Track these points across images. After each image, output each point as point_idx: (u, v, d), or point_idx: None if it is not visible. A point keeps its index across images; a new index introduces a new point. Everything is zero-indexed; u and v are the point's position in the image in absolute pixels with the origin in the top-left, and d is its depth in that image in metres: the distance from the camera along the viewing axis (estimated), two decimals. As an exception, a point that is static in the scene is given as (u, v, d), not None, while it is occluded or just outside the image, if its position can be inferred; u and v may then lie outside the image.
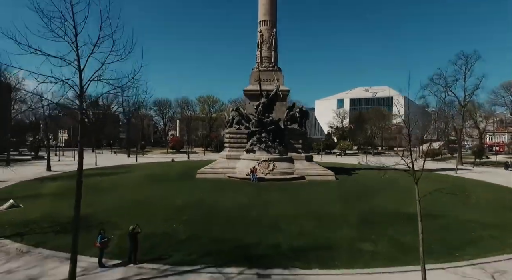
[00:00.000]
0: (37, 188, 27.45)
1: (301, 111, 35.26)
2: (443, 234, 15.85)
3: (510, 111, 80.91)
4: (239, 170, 31.47)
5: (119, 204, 21.12)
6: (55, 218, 17.67)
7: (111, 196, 23.38)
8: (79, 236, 10.56)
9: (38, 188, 27.45)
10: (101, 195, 23.56)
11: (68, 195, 24.18)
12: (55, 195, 24.63)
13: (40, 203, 21.74)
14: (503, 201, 24.93)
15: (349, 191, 27.13)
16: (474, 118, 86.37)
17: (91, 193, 23.88)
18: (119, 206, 20.68)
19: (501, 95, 78.32)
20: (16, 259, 12.45)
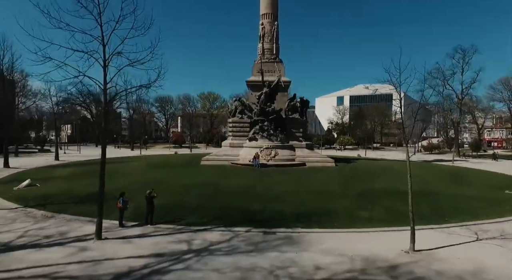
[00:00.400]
0: (50, 173, 28.64)
1: (301, 101, 36.40)
2: (435, 205, 17.04)
3: (508, 106, 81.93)
4: (242, 157, 32.63)
5: (130, 183, 22.24)
6: (71, 193, 18.86)
7: (122, 178, 24.54)
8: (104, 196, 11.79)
9: (50, 173, 28.65)
10: (113, 177, 24.56)
11: (79, 177, 25.61)
12: (68, 177, 25.89)
13: (55, 183, 22.95)
14: (491, 181, 26.31)
15: (348, 174, 28.33)
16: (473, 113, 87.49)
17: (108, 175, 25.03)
18: (131, 185, 21.76)
19: (499, 90, 79.22)
20: (43, 221, 13.67)
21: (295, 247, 10.78)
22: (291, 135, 35.22)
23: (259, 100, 34.58)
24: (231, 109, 36.92)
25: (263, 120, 34.14)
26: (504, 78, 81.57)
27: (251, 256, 9.93)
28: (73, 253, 10.02)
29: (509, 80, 79.88)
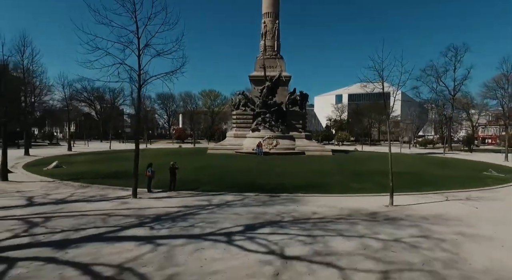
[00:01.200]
0: (70, 159, 30.99)
1: (301, 95, 38.89)
2: (417, 180, 19.53)
3: (501, 104, 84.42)
4: (245, 146, 35.08)
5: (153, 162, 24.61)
6: (96, 172, 21.23)
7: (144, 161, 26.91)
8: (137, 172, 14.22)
9: (70, 159, 30.99)
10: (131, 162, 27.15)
11: (98, 162, 28.07)
12: (88, 162, 28.30)
13: (78, 165, 25.35)
14: (473, 166, 28.96)
15: (344, 160, 30.88)
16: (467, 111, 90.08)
17: (123, 160, 27.66)
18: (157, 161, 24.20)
19: (493, 88, 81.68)
20: (82, 189, 16.05)
21: (296, 203, 13.20)
22: (291, 126, 37.71)
23: (261, 93, 37.04)
24: (235, 102, 39.34)
25: (265, 112, 36.59)
26: (497, 76, 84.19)
27: (261, 207, 12.35)
28: (118, 205, 12.45)
29: (502, 78, 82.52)
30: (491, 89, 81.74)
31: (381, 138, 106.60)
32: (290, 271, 6.51)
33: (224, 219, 10.43)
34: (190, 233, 8.93)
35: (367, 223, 10.24)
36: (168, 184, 15.86)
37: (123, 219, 10.27)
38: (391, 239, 8.56)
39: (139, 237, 8.53)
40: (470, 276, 6.43)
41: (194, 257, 7.14)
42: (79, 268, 6.47)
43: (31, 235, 8.51)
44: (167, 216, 10.89)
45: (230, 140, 37.62)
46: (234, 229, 9.33)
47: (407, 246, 8.09)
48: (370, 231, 9.30)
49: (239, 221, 10.24)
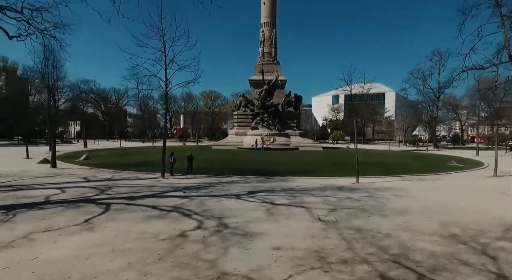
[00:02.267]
0: (91, 154, 35.17)
1: (295, 97, 43.19)
2: (388, 169, 23.79)
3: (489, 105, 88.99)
4: (246, 142, 39.33)
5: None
6: (121, 163, 25.38)
7: (157, 155, 31.16)
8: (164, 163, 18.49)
9: (92, 154, 35.17)
10: (150, 155, 31.56)
11: (118, 156, 32.36)
12: (109, 156, 32.53)
13: (103, 158, 29.54)
14: (442, 159, 33.19)
15: (332, 155, 35.17)
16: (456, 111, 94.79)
17: (139, 154, 31.89)
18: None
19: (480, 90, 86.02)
20: (117, 173, 20.26)
21: (285, 182, 17.43)
22: (287, 125, 42.00)
23: (260, 96, 41.33)
24: (236, 103, 43.63)
25: (263, 113, 40.88)
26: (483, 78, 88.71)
27: (259, 183, 16.58)
28: (153, 181, 16.70)
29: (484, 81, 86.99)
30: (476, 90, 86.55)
31: (375, 138, 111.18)
32: (276, 209, 10.77)
33: (232, 188, 14.69)
34: (211, 194, 13.19)
35: (333, 191, 14.51)
36: (185, 170, 20.10)
37: (162, 188, 14.53)
38: (345, 197, 12.84)
39: (178, 196, 12.79)
40: (383, 209, 10.72)
41: (216, 204, 11.39)
42: (149, 207, 10.71)
43: (107, 194, 12.77)
44: (192, 187, 15.13)
45: (232, 137, 41.90)
46: (240, 193, 13.58)
47: (354, 200, 12.36)
48: (332, 194, 13.57)
49: (243, 189, 14.49)
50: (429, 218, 9.81)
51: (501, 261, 6.52)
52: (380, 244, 7.40)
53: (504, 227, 8.86)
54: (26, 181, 16.16)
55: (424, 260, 6.48)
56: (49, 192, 13.09)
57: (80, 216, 9.51)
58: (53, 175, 18.42)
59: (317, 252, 6.87)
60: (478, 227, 8.80)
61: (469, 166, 26.56)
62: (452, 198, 13.04)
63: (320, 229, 8.55)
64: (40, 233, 7.89)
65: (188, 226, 8.63)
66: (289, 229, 8.46)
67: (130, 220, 9.14)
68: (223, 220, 9.25)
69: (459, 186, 16.88)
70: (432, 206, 11.50)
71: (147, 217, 9.51)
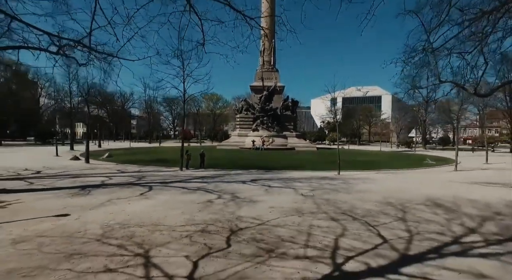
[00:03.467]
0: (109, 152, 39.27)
1: (293, 102, 47.36)
2: (369, 165, 27.94)
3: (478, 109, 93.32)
4: (247, 143, 43.45)
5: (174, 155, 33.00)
6: (140, 160, 29.48)
7: (165, 154, 35.31)
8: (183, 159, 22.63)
9: (110, 152, 39.28)
10: (163, 154, 35.65)
11: (134, 154, 36.44)
12: (126, 154, 36.62)
13: (123, 156, 33.63)
14: (422, 158, 37.23)
15: (324, 154, 39.30)
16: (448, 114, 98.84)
17: (153, 153, 36.01)
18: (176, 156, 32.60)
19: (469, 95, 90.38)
20: (141, 167, 24.36)
21: (280, 174, 21.53)
22: (285, 127, 46.17)
23: (260, 100, 45.50)
24: (239, 107, 47.82)
25: (263, 116, 45.04)
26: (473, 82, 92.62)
27: (259, 175, 20.67)
28: (174, 173, 20.82)
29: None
30: (469, 95, 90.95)
31: (371, 139, 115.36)
32: (272, 189, 14.89)
33: (238, 178, 18.82)
34: (223, 181, 17.31)
35: (317, 179, 18.62)
36: (197, 165, 24.23)
37: (184, 177, 18.66)
38: (324, 183, 16.97)
39: (198, 181, 16.92)
40: (349, 190, 14.84)
41: (228, 186, 15.50)
42: (180, 188, 14.82)
43: (145, 180, 16.89)
44: (207, 176, 19.25)
45: (235, 138, 46.04)
46: (245, 180, 17.69)
47: (331, 184, 16.49)
48: (316, 181, 17.70)
49: (247, 178, 18.61)
50: (378, 194, 13.93)
51: (409, 213, 10.63)
52: (338, 206, 11.52)
53: (426, 199, 12.98)
54: (76, 172, 20.28)
55: (361, 213, 10.59)
56: (101, 179, 17.24)
57: (135, 192, 13.65)
58: (93, 168, 22.56)
59: (296, 209, 10.98)
60: (408, 199, 12.91)
61: (441, 163, 30.69)
62: (405, 184, 17.20)
63: (300, 199, 12.68)
64: (115, 200, 12.00)
65: (211, 197, 12.76)
66: (280, 199, 12.58)
67: (171, 194, 13.27)
68: (235, 194, 13.38)
69: (418, 177, 21.05)
70: (386, 188, 15.64)
71: (182, 192, 13.65)
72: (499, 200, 12.92)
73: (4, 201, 11.36)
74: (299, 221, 9.45)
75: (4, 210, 10.35)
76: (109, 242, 7.37)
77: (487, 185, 17.43)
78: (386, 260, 6.58)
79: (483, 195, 13.96)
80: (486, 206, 11.92)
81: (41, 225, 8.65)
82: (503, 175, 21.07)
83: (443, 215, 10.44)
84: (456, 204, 12.18)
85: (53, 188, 14.32)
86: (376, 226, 8.99)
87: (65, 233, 8.00)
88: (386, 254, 6.92)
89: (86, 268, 5.97)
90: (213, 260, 6.42)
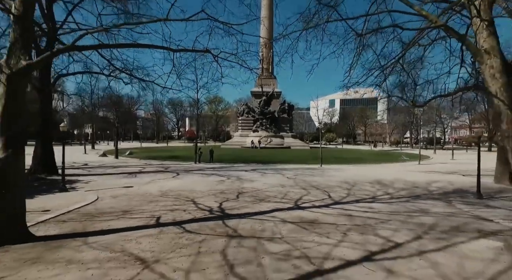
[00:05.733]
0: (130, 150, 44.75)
1: (289, 106, 52.84)
2: (351, 160, 33.33)
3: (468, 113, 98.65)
4: (248, 142, 48.90)
5: (190, 152, 38.49)
6: (158, 157, 34.98)
7: (176, 152, 40.77)
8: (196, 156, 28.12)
9: (130, 150, 44.76)
10: (175, 151, 41.12)
11: (150, 152, 41.82)
12: (143, 152, 42.13)
13: (141, 154, 39.13)
14: (401, 155, 42.68)
15: (315, 152, 44.65)
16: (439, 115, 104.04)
17: (166, 151, 41.50)
18: (191, 153, 38.10)
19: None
20: (161, 162, 29.78)
21: (274, 165, 26.91)
22: (282, 129, 51.61)
23: (260, 104, 50.97)
24: (240, 110, 53.30)
25: (262, 118, 50.49)
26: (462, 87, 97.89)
27: (258, 166, 26.08)
28: (190, 165, 26.26)
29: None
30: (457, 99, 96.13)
31: (367, 139, 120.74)
32: (266, 174, 20.32)
33: (241, 168, 24.25)
34: (229, 170, 22.73)
35: (302, 169, 24.01)
36: (207, 160, 29.67)
37: (199, 168, 24.12)
38: (306, 172, 22.37)
39: (211, 170, 22.35)
40: (322, 175, 20.25)
41: (234, 172, 20.92)
42: (199, 173, 20.27)
43: (171, 170, 22.32)
44: (217, 167, 24.67)
45: (237, 138, 51.52)
46: (246, 169, 23.09)
47: (310, 172, 21.89)
48: (300, 171, 23.09)
49: (248, 168, 24.02)
50: (342, 177, 19.33)
51: (355, 187, 16.01)
52: (309, 183, 16.92)
53: (374, 180, 18.36)
54: (113, 164, 25.73)
55: (323, 186, 15.97)
56: (137, 168, 22.71)
57: (168, 175, 19.10)
58: (124, 162, 28.03)
59: (280, 184, 16.39)
60: (361, 180, 18.28)
61: (414, 159, 36.00)
62: (366, 172, 22.60)
63: (285, 179, 18.11)
64: (157, 180, 17.42)
65: (223, 178, 18.19)
66: (270, 179, 18.00)
67: (194, 176, 18.72)
68: (239, 177, 18.80)
69: (384, 167, 26.43)
70: (350, 174, 21.03)
71: (201, 175, 19.11)
72: (425, 180, 18.32)
73: (86, 181, 16.84)
74: (281, 190, 14.88)
75: (89, 184, 15.80)
76: (168, 197, 12.80)
77: (429, 172, 22.83)
78: (325, 203, 12.00)
79: (417, 178, 19.37)
80: (412, 183, 17.30)
81: (120, 191, 14.08)
82: (455, 167, 26.47)
83: (377, 187, 15.85)
84: (392, 182, 17.60)
85: (108, 174, 19.80)
86: (329, 192, 14.38)
87: (138, 194, 13.44)
88: (327, 202, 12.32)
89: (162, 205, 11.37)
90: (229, 202, 11.85)
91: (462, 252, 6.94)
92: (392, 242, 7.50)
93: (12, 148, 6.99)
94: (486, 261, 6.46)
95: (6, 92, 6.98)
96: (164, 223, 8.90)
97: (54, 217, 9.41)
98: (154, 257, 6.38)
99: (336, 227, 8.69)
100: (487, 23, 7.25)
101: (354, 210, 10.73)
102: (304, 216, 9.86)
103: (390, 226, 8.84)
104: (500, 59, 7.24)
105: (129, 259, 6.26)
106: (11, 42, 7.13)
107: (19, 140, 7.26)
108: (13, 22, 7.07)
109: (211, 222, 9.05)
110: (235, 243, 7.32)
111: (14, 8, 7.02)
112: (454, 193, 14.44)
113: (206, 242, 7.32)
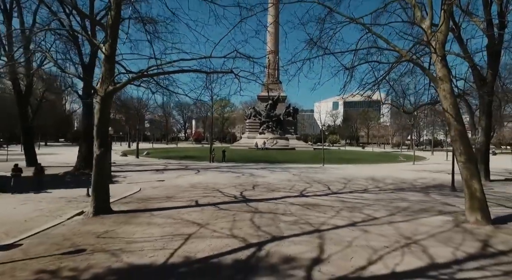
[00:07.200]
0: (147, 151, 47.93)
1: (293, 109, 55.71)
2: (351, 160, 36.10)
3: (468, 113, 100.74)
4: (255, 144, 51.86)
5: (202, 152, 41.51)
6: (175, 156, 38.05)
7: (189, 152, 43.86)
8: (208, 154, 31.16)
9: (147, 151, 47.94)
10: (188, 152, 44.22)
11: (164, 152, 45.02)
12: (159, 152, 45.27)
13: (157, 154, 42.24)
14: (399, 156, 45.25)
15: (318, 153, 47.49)
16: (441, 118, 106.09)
17: (180, 152, 44.57)
18: (204, 152, 41.14)
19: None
20: (179, 161, 32.82)
21: (281, 165, 29.78)
22: (287, 131, 54.48)
23: (266, 108, 53.90)
24: (248, 113, 56.28)
25: (269, 121, 53.41)
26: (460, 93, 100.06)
27: (266, 165, 28.97)
28: (207, 164, 29.26)
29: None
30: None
31: (370, 141, 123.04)
32: (274, 171, 23.24)
33: (252, 166, 27.19)
34: (242, 168, 25.68)
35: (306, 168, 26.87)
36: (220, 160, 32.65)
37: (216, 166, 27.10)
38: (310, 170, 25.24)
39: (226, 168, 25.32)
40: (324, 172, 23.11)
41: (246, 170, 23.87)
42: (217, 171, 23.26)
43: (191, 167, 25.35)
44: (230, 166, 27.62)
45: (244, 140, 54.48)
46: (257, 168, 26.02)
47: (313, 170, 24.76)
48: (305, 169, 25.96)
49: (258, 167, 26.94)
50: (341, 174, 22.17)
51: (351, 182, 18.85)
52: (313, 179, 19.79)
53: (368, 176, 21.16)
54: (136, 163, 28.80)
55: (325, 181, 18.84)
56: (160, 167, 25.75)
57: (191, 172, 22.12)
58: (146, 161, 31.13)
59: (288, 179, 19.30)
60: (357, 176, 21.10)
61: (410, 160, 38.61)
62: (362, 171, 25.38)
63: (291, 175, 21.02)
64: (182, 175, 20.43)
65: (238, 175, 21.15)
66: (279, 176, 20.91)
67: (213, 173, 21.71)
68: (252, 174, 21.74)
69: (380, 167, 29.19)
70: (348, 172, 23.86)
71: (219, 172, 22.11)
72: (413, 178, 21.10)
73: (123, 176, 19.91)
74: (289, 183, 17.80)
75: (127, 179, 18.83)
76: (197, 188, 15.78)
77: (420, 171, 25.57)
78: (324, 193, 14.89)
79: (406, 176, 22.15)
80: (401, 180, 20.10)
81: (155, 184, 17.09)
82: (446, 167, 29.12)
83: (370, 182, 18.70)
84: (383, 178, 20.42)
85: (138, 170, 22.87)
86: (329, 185, 17.26)
87: (172, 185, 16.45)
88: (326, 192, 15.20)
89: (195, 194, 14.35)
90: (247, 191, 14.80)
91: (420, 222, 9.81)
92: (371, 217, 10.39)
93: (104, 146, 10.03)
94: (435, 227, 9.31)
95: (100, 109, 10.02)
96: (202, 204, 11.90)
97: (117, 200, 12.42)
98: (204, 222, 9.36)
99: (332, 208, 11.59)
100: (441, 58, 9.77)
101: (347, 198, 13.63)
102: (307, 201, 12.78)
103: (373, 208, 11.72)
104: (450, 84, 9.77)
105: (188, 223, 9.23)
106: (102, 73, 10.17)
107: (107, 140, 10.30)
108: (104, 59, 10.10)
109: (237, 204, 12.02)
110: (258, 216, 10.27)
111: (105, 50, 10.05)
112: (434, 187, 17.24)
113: (237, 215, 10.29)
